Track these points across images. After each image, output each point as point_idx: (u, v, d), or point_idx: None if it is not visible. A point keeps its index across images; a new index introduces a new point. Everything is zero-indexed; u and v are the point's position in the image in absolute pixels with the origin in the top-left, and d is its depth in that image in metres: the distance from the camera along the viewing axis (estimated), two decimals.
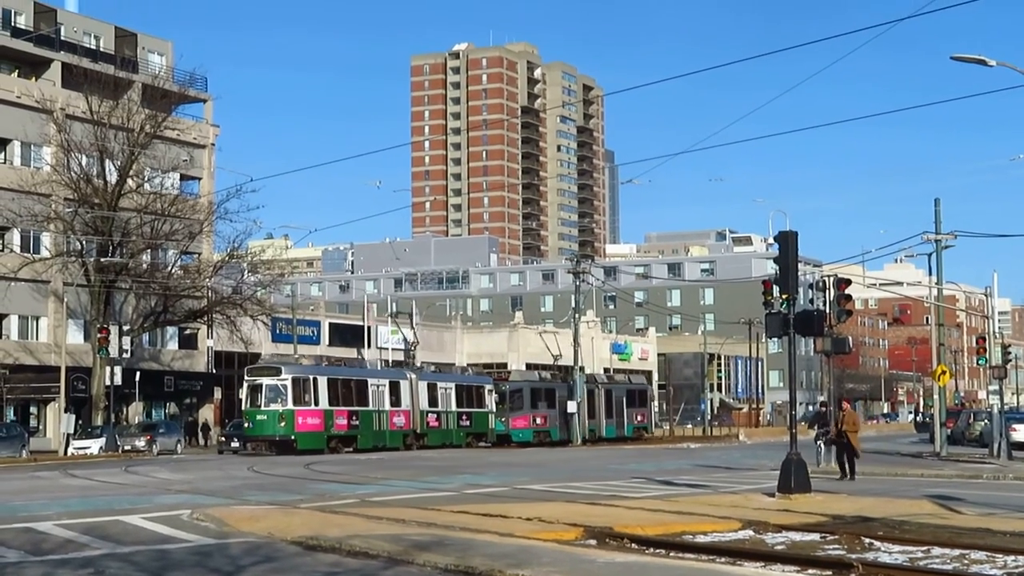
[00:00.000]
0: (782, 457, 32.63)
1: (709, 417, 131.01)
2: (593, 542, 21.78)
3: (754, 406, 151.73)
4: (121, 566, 18.70)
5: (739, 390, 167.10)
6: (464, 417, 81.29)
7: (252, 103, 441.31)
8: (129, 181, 79.15)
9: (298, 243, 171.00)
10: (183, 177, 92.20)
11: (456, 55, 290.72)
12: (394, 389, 74.85)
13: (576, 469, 47.66)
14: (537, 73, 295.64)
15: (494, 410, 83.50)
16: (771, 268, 33.79)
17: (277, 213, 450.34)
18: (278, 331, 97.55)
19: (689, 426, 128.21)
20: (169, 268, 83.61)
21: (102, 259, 76.04)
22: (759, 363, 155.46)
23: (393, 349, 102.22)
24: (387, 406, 73.82)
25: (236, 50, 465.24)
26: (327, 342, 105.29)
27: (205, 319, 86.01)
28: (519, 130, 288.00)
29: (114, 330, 74.59)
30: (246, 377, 68.81)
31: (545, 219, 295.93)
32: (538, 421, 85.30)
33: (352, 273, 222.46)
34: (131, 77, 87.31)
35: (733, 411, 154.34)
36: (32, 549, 20.68)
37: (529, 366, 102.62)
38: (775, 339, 63.15)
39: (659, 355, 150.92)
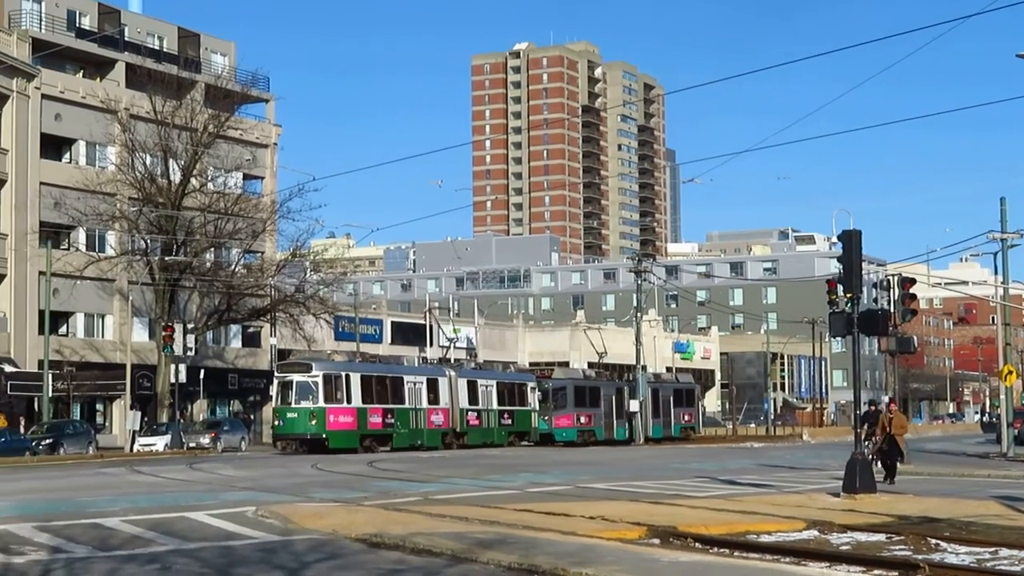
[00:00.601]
0: (846, 457, 32.48)
1: (772, 416, 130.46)
2: (656, 541, 21.72)
3: (818, 406, 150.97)
4: (187, 562, 18.83)
5: (802, 389, 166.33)
6: (506, 415, 78.78)
7: (314, 103, 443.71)
8: (193, 180, 79.63)
9: (360, 242, 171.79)
10: (246, 176, 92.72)
11: (517, 54, 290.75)
12: (432, 387, 72.43)
13: (639, 468, 47.56)
14: (598, 72, 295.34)
15: (537, 408, 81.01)
16: (835, 267, 33.70)
17: (339, 212, 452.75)
18: (341, 329, 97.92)
19: (752, 425, 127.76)
20: (232, 267, 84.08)
21: (166, 258, 76.57)
22: (822, 362, 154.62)
23: (456, 347, 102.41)
24: (425, 404, 71.44)
25: (298, 50, 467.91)
26: (389, 340, 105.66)
27: (268, 317, 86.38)
28: (580, 129, 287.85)
29: (179, 328, 75.18)
30: (276, 373, 67.34)
31: (606, 218, 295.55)
32: (582, 420, 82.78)
33: (414, 272, 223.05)
34: (194, 77, 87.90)
35: (796, 411, 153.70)
36: (100, 545, 20.85)
37: (591, 365, 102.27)
38: (839, 338, 62.69)
39: (722, 354, 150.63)
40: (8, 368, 74.95)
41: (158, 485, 37.21)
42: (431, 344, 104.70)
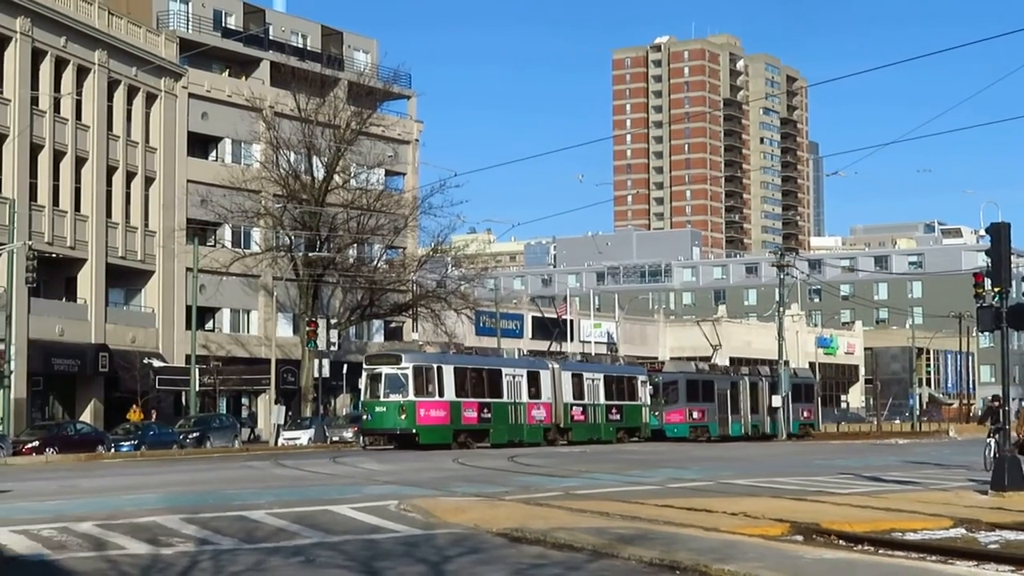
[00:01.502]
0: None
1: (917, 412, 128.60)
2: (799, 538, 21.49)
3: (964, 401, 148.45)
4: (331, 555, 19.01)
5: (949, 385, 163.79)
6: (613, 410, 73.94)
7: (455, 99, 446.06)
8: (336, 177, 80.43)
9: (501, 237, 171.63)
10: (388, 173, 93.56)
11: (658, 48, 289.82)
12: (533, 380, 67.92)
13: (780, 464, 47.10)
14: (739, 65, 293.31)
15: (648, 403, 76.81)
16: (982, 260, 33.02)
17: (480, 207, 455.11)
18: (482, 324, 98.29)
19: (897, 421, 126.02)
20: (375, 262, 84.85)
21: (310, 254, 77.47)
22: (970, 358, 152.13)
23: (596, 343, 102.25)
24: (525, 398, 67.00)
25: (439, 47, 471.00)
26: (530, 335, 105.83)
27: (410, 313, 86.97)
28: (721, 123, 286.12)
29: (322, 323, 76.00)
30: (364, 366, 63.88)
31: (748, 212, 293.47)
32: (695, 415, 78.96)
33: (554, 267, 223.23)
34: (337, 75, 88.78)
35: (942, 406, 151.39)
36: (245, 537, 21.12)
37: (733, 360, 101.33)
38: (987, 333, 61.46)
39: (866, 349, 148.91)
40: (156, 363, 76.45)
41: (302, 478, 37.63)
42: (571, 339, 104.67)
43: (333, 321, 79.58)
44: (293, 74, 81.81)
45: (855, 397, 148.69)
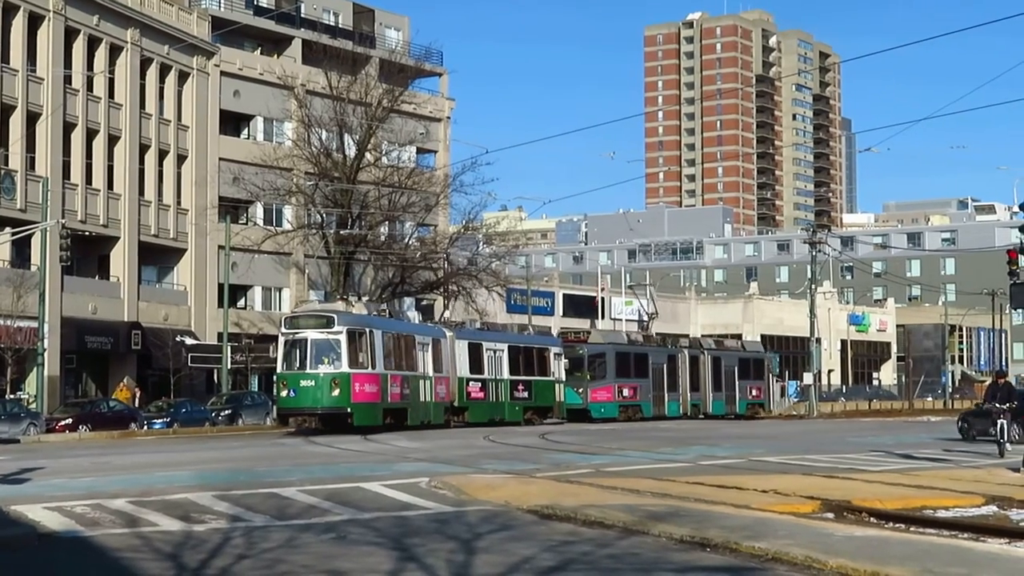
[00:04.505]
0: None
1: (950, 390, 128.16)
2: (830, 515, 21.51)
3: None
4: (362, 531, 19.07)
5: (981, 362, 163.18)
6: (520, 387, 65.12)
7: (486, 76, 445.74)
8: (367, 155, 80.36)
9: (532, 215, 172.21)
10: (419, 150, 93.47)
11: (690, 24, 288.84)
12: (436, 350, 58.77)
13: (813, 441, 47.11)
14: (772, 41, 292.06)
15: (563, 378, 68.51)
16: (1016, 237, 32.80)
17: (511, 185, 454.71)
18: (513, 302, 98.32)
19: (929, 399, 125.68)
20: (406, 240, 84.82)
21: (341, 231, 77.49)
22: (1002, 335, 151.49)
23: (627, 320, 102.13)
24: (431, 372, 57.94)
25: (470, 24, 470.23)
26: (561, 313, 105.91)
27: (441, 290, 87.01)
28: (754, 99, 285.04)
29: (354, 301, 76.07)
30: (283, 329, 53.55)
31: (780, 189, 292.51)
32: (625, 393, 72.04)
33: (586, 244, 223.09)
34: (369, 52, 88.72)
35: (975, 384, 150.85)
36: (277, 514, 21.22)
37: (764, 337, 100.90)
38: (1020, 310, 61.17)
39: (898, 326, 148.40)
40: (189, 341, 76.73)
41: (333, 456, 37.76)
42: (602, 317, 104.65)
43: (365, 299, 79.60)
44: (325, 52, 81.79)
45: (887, 374, 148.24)
